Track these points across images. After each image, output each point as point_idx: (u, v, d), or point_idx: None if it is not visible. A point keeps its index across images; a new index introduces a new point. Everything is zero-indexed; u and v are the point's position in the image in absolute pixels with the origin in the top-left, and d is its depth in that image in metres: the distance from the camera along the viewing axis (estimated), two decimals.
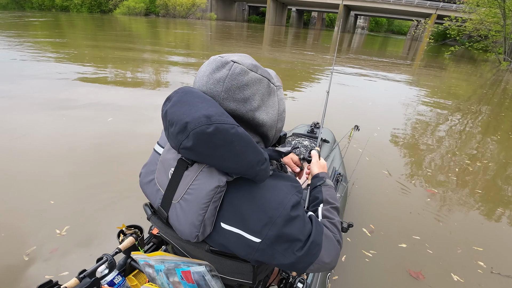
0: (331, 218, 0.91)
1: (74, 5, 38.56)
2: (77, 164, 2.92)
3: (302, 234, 0.75)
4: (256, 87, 0.75)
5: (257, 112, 0.76)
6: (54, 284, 0.91)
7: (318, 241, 0.76)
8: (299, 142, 2.50)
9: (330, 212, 0.94)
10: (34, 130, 3.58)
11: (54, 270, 1.77)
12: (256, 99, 0.75)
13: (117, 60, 8.48)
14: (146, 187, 0.91)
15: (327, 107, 2.13)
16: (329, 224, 0.88)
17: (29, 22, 20.13)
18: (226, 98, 0.74)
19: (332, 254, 0.79)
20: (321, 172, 1.10)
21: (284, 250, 0.72)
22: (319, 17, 71.49)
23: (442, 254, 2.17)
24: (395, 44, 32.48)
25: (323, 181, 1.04)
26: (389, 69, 11.66)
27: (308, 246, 0.74)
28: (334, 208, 0.96)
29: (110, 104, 4.75)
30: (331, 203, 0.96)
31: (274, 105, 0.81)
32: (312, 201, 1.00)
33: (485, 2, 18.23)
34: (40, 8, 37.75)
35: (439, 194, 2.97)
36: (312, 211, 0.96)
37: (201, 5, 43.70)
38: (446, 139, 4.56)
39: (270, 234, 0.71)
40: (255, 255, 0.73)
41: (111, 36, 14.83)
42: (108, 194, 2.50)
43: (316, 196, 1.00)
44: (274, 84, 0.81)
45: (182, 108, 0.70)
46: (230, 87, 0.73)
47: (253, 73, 0.75)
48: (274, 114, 0.81)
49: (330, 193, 1.00)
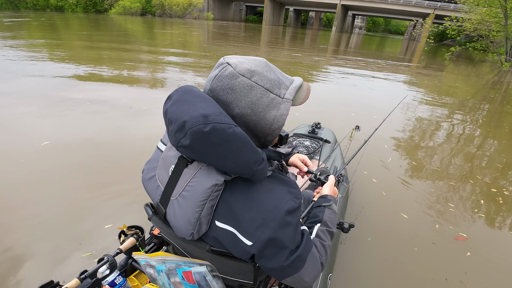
0: (323, 240, 0.91)
1: (69, 5, 38.26)
2: (75, 164, 2.92)
3: (292, 243, 0.75)
4: (244, 93, 0.73)
5: (240, 119, 0.75)
6: (56, 284, 0.91)
7: (303, 256, 0.76)
8: (300, 143, 2.50)
9: (324, 234, 0.94)
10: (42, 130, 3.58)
11: (54, 270, 1.77)
12: (241, 106, 0.74)
13: (113, 60, 8.46)
14: (147, 183, 0.91)
15: (327, 108, 2.13)
16: (320, 244, 0.88)
17: (26, 22, 20.02)
18: (212, 97, 0.75)
19: (313, 274, 0.80)
20: (330, 195, 1.10)
21: (272, 255, 0.73)
22: (317, 17, 71.61)
23: (443, 254, 2.17)
24: (393, 45, 32.49)
25: (329, 204, 1.04)
26: (389, 70, 11.66)
27: (294, 258, 0.74)
28: (330, 233, 0.96)
29: (107, 102, 4.75)
30: (328, 226, 0.96)
31: (269, 119, 0.77)
32: (311, 218, 1.00)
33: (485, 1, 17.85)
34: (34, 8, 37.45)
35: (441, 194, 2.97)
36: (307, 226, 0.96)
37: (198, 5, 43.60)
38: (447, 139, 4.56)
39: (262, 237, 0.71)
40: (248, 255, 0.74)
41: (106, 36, 14.77)
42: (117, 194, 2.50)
43: (317, 214, 1.00)
44: (280, 96, 0.78)
45: (181, 107, 0.71)
46: (215, 88, 0.74)
47: (244, 78, 0.73)
48: (265, 128, 0.78)
49: (331, 217, 1.00)
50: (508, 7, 16.36)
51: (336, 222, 1.06)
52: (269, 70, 0.78)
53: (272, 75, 0.78)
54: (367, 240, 2.24)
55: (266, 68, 0.78)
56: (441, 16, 37.63)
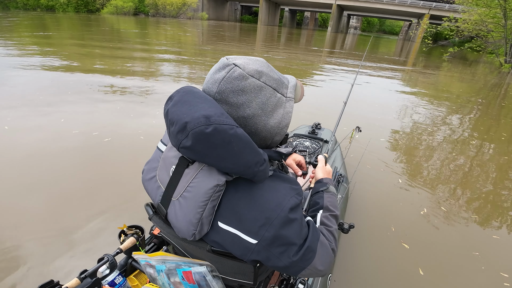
0: (329, 225, 0.91)
1: (60, 5, 37.54)
2: (73, 164, 2.91)
3: (298, 238, 0.75)
4: (254, 94, 0.74)
5: (250, 120, 0.75)
6: (56, 284, 0.91)
7: (313, 247, 0.76)
8: (300, 143, 2.50)
9: (328, 219, 0.93)
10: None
11: (54, 270, 1.77)
12: (252, 107, 0.74)
13: (106, 57, 8.40)
14: (148, 184, 0.91)
15: (328, 108, 2.13)
16: (326, 231, 0.88)
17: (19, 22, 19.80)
18: (219, 99, 0.74)
19: (326, 261, 0.80)
20: (325, 178, 1.09)
21: (280, 253, 0.73)
22: (312, 17, 71.66)
23: (444, 254, 2.19)
24: (388, 45, 32.54)
25: (326, 187, 1.03)
26: (389, 70, 11.71)
27: (303, 251, 0.74)
28: (334, 216, 0.95)
29: (105, 101, 4.72)
30: (331, 210, 0.96)
31: (277, 117, 0.79)
32: (312, 206, 1.00)
33: (484, 1, 17.57)
34: (24, 7, 36.75)
35: (441, 194, 2.98)
36: (311, 216, 0.95)
37: (192, 5, 43.22)
38: (448, 140, 4.57)
39: (266, 235, 0.71)
40: (251, 256, 0.73)
41: (99, 36, 14.66)
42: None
43: (317, 201, 0.99)
44: (284, 95, 0.80)
45: (182, 107, 0.71)
46: (224, 90, 0.73)
47: (254, 79, 0.74)
48: (274, 127, 0.80)
49: (332, 200, 0.99)
50: (508, 7, 16.17)
51: (338, 202, 1.04)
52: (272, 70, 0.80)
53: (275, 75, 0.79)
54: (367, 241, 2.24)
55: (269, 68, 0.79)
56: (436, 17, 37.90)
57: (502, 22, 17.20)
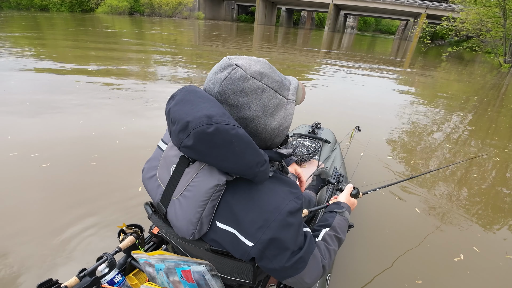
0: (329, 244, 0.91)
1: (53, 4, 37.01)
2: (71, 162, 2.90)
3: (293, 244, 0.75)
4: (255, 96, 0.74)
5: (251, 121, 0.75)
6: (54, 282, 0.91)
7: (305, 258, 0.77)
8: (300, 143, 2.50)
9: (331, 239, 0.93)
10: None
11: (54, 269, 1.77)
12: (253, 109, 0.74)
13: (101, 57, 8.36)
14: (148, 182, 0.91)
15: (328, 108, 2.12)
16: (324, 248, 0.88)
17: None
18: (220, 100, 0.74)
19: (314, 276, 0.80)
20: (345, 204, 1.10)
21: (273, 256, 0.73)
22: (309, 17, 71.78)
23: (444, 254, 2.19)
24: (384, 45, 32.55)
25: (342, 211, 1.04)
26: (389, 70, 11.69)
27: (295, 260, 0.75)
28: (337, 238, 0.95)
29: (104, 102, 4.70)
30: (337, 232, 0.96)
31: (278, 119, 0.79)
32: (321, 221, 1.00)
33: (482, 0, 17.49)
34: (18, 7, 36.12)
35: (441, 194, 2.98)
36: (316, 229, 0.96)
37: (188, 4, 42.94)
38: (448, 140, 4.57)
39: (263, 238, 0.71)
40: (248, 256, 0.74)
41: (95, 37, 14.57)
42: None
43: (327, 219, 1.00)
44: (285, 97, 0.80)
45: (184, 107, 0.71)
46: (225, 90, 0.73)
47: (255, 81, 0.73)
48: (274, 129, 0.79)
49: (341, 224, 1.00)
50: (507, 6, 16.05)
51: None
52: (273, 71, 0.79)
53: (277, 77, 0.79)
54: (366, 241, 2.23)
55: (271, 70, 0.78)
56: (432, 16, 38.04)
57: (501, 22, 17.10)
